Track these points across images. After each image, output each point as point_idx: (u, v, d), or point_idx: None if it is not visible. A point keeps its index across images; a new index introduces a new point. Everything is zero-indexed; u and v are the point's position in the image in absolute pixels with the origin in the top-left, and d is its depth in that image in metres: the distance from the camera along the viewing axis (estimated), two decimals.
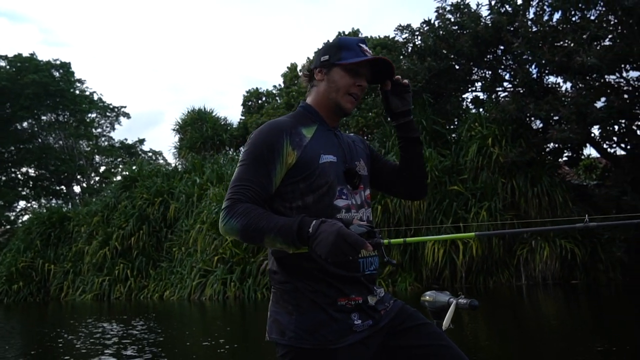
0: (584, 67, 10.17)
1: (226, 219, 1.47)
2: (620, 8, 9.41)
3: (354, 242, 1.35)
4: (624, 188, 11.01)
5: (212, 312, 11.16)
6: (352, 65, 1.63)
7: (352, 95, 1.65)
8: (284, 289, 1.58)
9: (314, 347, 1.50)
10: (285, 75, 19.76)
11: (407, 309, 1.70)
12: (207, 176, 15.83)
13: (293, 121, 1.63)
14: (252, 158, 1.54)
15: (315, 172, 1.56)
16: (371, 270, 1.63)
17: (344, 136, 1.76)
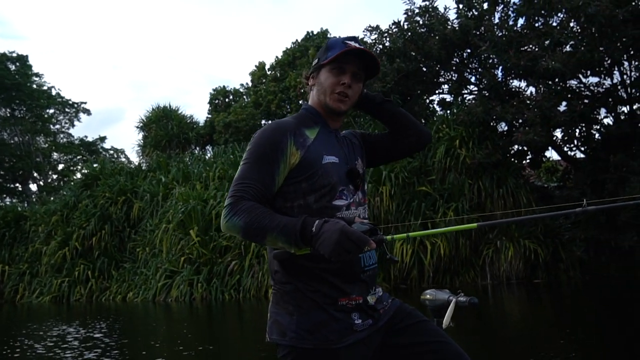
0: (549, 72, 10.44)
1: (229, 216, 1.46)
2: (583, 15, 9.69)
3: (358, 240, 1.36)
4: (584, 190, 11.37)
5: (178, 313, 10.93)
6: (333, 64, 1.62)
7: (339, 94, 1.63)
8: (284, 289, 1.58)
9: (316, 347, 1.50)
10: (253, 74, 19.59)
11: (405, 307, 1.72)
12: (173, 175, 15.51)
13: (296, 122, 1.64)
14: (256, 157, 1.54)
15: (318, 172, 1.57)
16: (371, 264, 1.66)
17: (342, 137, 1.77)
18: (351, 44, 1.64)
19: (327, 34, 19.25)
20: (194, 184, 14.47)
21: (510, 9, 12.90)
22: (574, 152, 13.60)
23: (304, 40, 18.93)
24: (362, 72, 1.69)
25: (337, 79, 1.64)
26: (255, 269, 11.77)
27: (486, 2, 12.84)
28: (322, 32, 19.23)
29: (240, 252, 11.94)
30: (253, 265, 11.79)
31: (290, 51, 18.59)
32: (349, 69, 1.64)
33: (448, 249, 11.37)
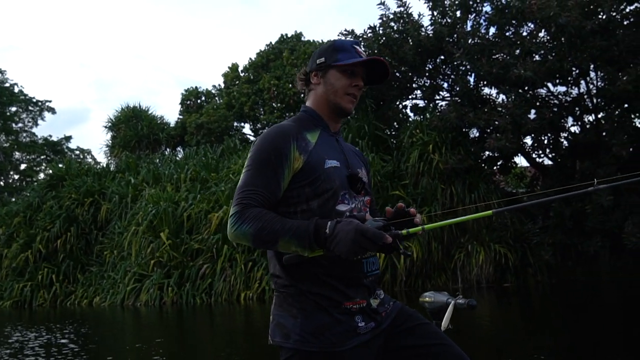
0: (520, 80, 10.66)
1: (237, 224, 1.45)
2: (554, 25, 9.94)
3: (374, 236, 1.37)
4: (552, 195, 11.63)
5: (147, 318, 10.68)
6: (347, 67, 1.64)
7: (351, 95, 1.66)
8: (287, 292, 1.58)
9: (320, 349, 1.50)
10: (226, 75, 19.38)
11: (406, 309, 1.72)
12: (143, 176, 15.19)
13: (297, 126, 1.63)
14: (260, 163, 1.53)
15: (320, 176, 1.56)
16: (374, 270, 1.65)
17: (344, 143, 1.78)
18: (359, 49, 1.68)
19: (301, 37, 19.24)
20: (165, 185, 14.21)
21: (482, 18, 13.16)
22: (542, 159, 13.96)
23: (278, 43, 18.85)
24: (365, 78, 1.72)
25: (350, 81, 1.65)
26: (227, 272, 11.61)
27: (459, 10, 13.04)
28: (296, 35, 19.21)
29: (212, 255, 11.78)
30: (225, 269, 11.63)
31: (264, 53, 18.49)
32: (359, 72, 1.68)
33: (421, 253, 11.47)
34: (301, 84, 1.76)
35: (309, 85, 1.73)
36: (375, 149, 13.61)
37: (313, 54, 1.75)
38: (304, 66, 1.77)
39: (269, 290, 11.44)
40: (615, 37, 10.30)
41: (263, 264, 11.70)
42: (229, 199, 12.40)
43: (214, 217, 11.99)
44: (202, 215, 12.38)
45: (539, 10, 10.34)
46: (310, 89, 1.73)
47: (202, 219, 12.35)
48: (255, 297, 11.41)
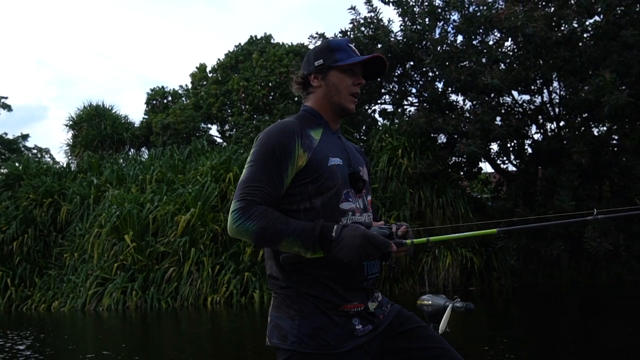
0: (488, 87, 10.89)
1: (240, 220, 1.43)
2: (522, 34, 10.21)
3: (380, 244, 1.40)
4: (517, 201, 11.94)
5: (110, 323, 10.36)
6: (349, 66, 1.64)
7: (353, 95, 1.67)
8: (285, 294, 1.57)
9: (317, 351, 1.50)
10: (193, 76, 19.08)
11: (404, 312, 1.72)
12: (106, 177, 14.76)
13: (300, 123, 1.62)
14: (264, 158, 1.51)
15: (324, 174, 1.55)
16: (374, 273, 1.66)
17: (345, 141, 1.78)
18: (353, 47, 1.69)
19: (271, 39, 19.16)
20: (129, 186, 13.84)
21: (450, 26, 13.40)
22: (507, 165, 14.30)
23: (247, 44, 18.69)
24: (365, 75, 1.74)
25: (352, 80, 1.66)
26: (194, 276, 11.39)
27: (427, 18, 13.23)
28: (266, 37, 19.11)
29: (179, 258, 11.53)
30: (192, 273, 11.41)
31: (233, 54, 18.29)
32: (359, 71, 1.69)
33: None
34: (298, 87, 1.74)
35: (308, 88, 1.71)
36: None
37: (307, 57, 1.73)
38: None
39: (236, 294, 11.29)
40: (578, 48, 10.66)
41: (231, 268, 11.53)
42: (196, 201, 12.18)
43: (181, 220, 11.75)
44: (168, 217, 12.11)
45: (506, 20, 10.60)
46: (310, 92, 1.71)
47: (168, 221, 12.08)
48: (222, 302, 11.23)
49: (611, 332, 6.67)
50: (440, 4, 13.39)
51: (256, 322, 10.06)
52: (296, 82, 1.74)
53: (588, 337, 6.75)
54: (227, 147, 15.39)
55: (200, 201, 12.07)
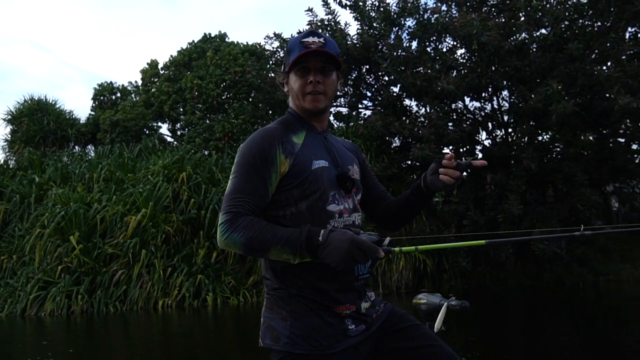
0: (443, 93, 11.14)
1: (227, 232, 1.44)
2: (476, 42, 10.50)
3: (367, 249, 1.38)
4: (468, 205, 12.27)
5: (53, 328, 9.82)
6: (294, 67, 1.60)
7: (311, 94, 1.60)
8: (277, 295, 1.57)
9: (309, 352, 1.50)
10: (144, 72, 18.48)
11: (397, 311, 1.73)
12: (49, 175, 14.03)
13: (282, 128, 1.61)
14: (247, 169, 1.52)
15: (308, 178, 1.55)
16: (364, 273, 1.64)
17: (333, 140, 1.74)
18: (308, 41, 1.59)
19: (226, 37, 18.84)
20: (75, 185, 13.21)
21: (405, 32, 13.63)
22: None
23: (201, 42, 18.30)
24: (330, 64, 1.63)
25: (304, 79, 1.61)
26: (144, 279, 11.01)
27: (383, 23, 13.40)
28: (220, 35, 18.77)
29: (128, 260, 11.10)
30: (142, 275, 11.02)
31: (186, 51, 17.85)
32: (313, 66, 1.60)
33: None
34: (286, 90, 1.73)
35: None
36: None
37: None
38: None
39: (189, 297, 11.00)
40: (528, 58, 11.08)
41: (183, 270, 11.23)
42: (147, 201, 11.79)
43: (131, 220, 11.32)
44: (117, 217, 11.64)
45: (462, 27, 10.87)
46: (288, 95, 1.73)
47: (117, 221, 11.61)
48: (174, 305, 10.91)
49: (554, 330, 7.00)
50: (396, 10, 13.60)
51: (209, 325, 9.84)
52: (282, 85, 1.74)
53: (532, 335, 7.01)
54: (179, 147, 14.99)
55: (151, 201, 11.68)
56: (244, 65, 16.05)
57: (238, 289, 11.51)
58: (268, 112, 15.34)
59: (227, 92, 16.68)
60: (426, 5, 14.07)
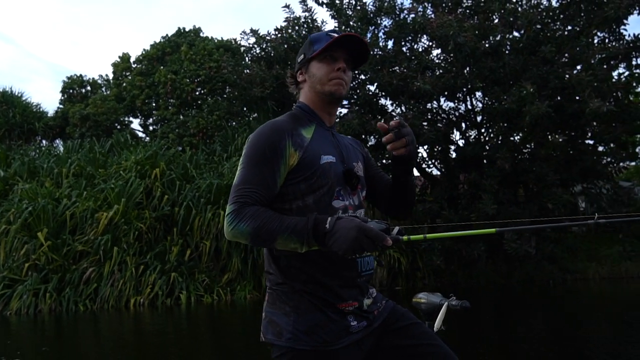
0: (420, 93, 11.23)
1: (234, 222, 1.44)
2: (453, 43, 10.62)
3: (375, 237, 1.36)
4: (442, 204, 12.41)
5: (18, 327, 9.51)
6: (324, 53, 1.62)
7: (335, 79, 1.63)
8: (281, 290, 1.57)
9: (312, 348, 1.50)
10: (116, 65, 18.07)
11: (398, 309, 1.73)
12: (15, 169, 13.58)
13: (292, 122, 1.62)
14: (256, 160, 1.51)
15: (316, 172, 1.56)
16: (368, 270, 1.64)
17: (340, 137, 1.76)
18: (335, 35, 1.65)
19: (200, 32, 18.58)
20: (43, 180, 12.82)
21: (381, 31, 13.70)
22: (431, 169, 14.85)
23: (175, 36, 18.00)
24: (350, 61, 1.69)
25: (331, 66, 1.63)
26: (115, 276, 10.76)
27: (360, 22, 13.44)
28: (195, 30, 18.50)
29: (99, 258, 10.83)
30: (114, 273, 10.77)
31: (160, 45, 17.52)
32: (340, 56, 1.64)
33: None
34: (292, 87, 1.75)
35: (299, 85, 1.72)
36: None
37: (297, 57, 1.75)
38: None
39: (162, 295, 10.81)
40: (503, 59, 11.27)
41: (156, 268, 11.03)
42: (119, 197, 11.53)
43: (102, 217, 11.05)
44: (88, 214, 11.34)
45: (439, 28, 10.98)
46: (300, 88, 1.71)
47: (88, 218, 11.32)
48: (146, 303, 10.70)
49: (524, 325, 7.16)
50: (373, 9, 13.66)
51: (182, 323, 9.69)
52: (289, 82, 1.75)
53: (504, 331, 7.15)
54: (153, 142, 14.72)
55: (124, 198, 11.43)
56: (219, 61, 15.86)
57: (212, 287, 11.37)
58: (243, 109, 15.20)
59: (201, 88, 16.46)
60: (402, 5, 14.22)
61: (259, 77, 13.44)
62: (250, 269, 11.69)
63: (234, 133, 14.40)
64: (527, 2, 12.29)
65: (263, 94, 13.14)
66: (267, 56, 13.94)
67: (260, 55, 14.30)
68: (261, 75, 13.44)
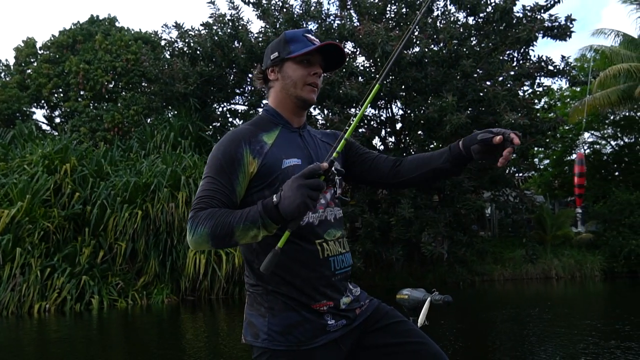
0: (347, 98, 11.42)
1: (192, 228, 1.44)
2: (381, 51, 10.93)
3: (310, 171, 1.34)
4: (364, 208, 12.70)
5: None
6: (302, 57, 1.61)
7: (311, 85, 1.63)
8: (256, 292, 1.59)
9: (287, 348, 1.52)
10: (19, 50, 16.60)
11: (383, 307, 1.72)
12: None
13: (253, 129, 1.61)
14: (214, 171, 1.53)
15: (278, 177, 1.54)
16: (344, 268, 1.62)
17: (311, 135, 1.73)
18: (310, 37, 1.64)
19: (116, 21, 17.60)
20: None
21: None
22: None
23: (88, 24, 16.88)
24: (323, 65, 1.67)
25: (308, 70, 1.61)
26: (17, 280, 9.85)
27: (286, 23, 13.45)
28: (110, 19, 17.49)
29: None
30: (15, 276, 9.85)
31: (70, 32, 16.34)
32: (316, 60, 1.64)
33: (242, 259, 11.34)
34: (260, 82, 1.71)
35: (268, 83, 1.68)
36: (198, 150, 13.13)
37: (266, 51, 1.70)
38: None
39: (70, 300, 10.06)
40: (425, 70, 11.77)
41: (65, 271, 10.24)
42: (22, 193, 10.58)
43: (3, 214, 10.08)
44: None
45: (366, 36, 11.24)
46: (270, 87, 1.68)
47: None
48: (52, 309, 9.90)
49: None
50: (299, 12, 13.73)
51: (91, 330, 9.07)
52: (257, 77, 1.71)
53: None
54: (62, 135, 13.67)
55: (28, 194, 10.50)
56: (137, 53, 15.11)
57: (127, 290, 10.77)
58: (164, 105, 14.58)
59: (117, 80, 15.57)
60: (328, 11, 14.42)
61: (182, 73, 12.98)
62: (169, 271, 11.22)
63: (153, 130, 13.77)
64: (444, 17, 12.98)
65: (186, 90, 12.70)
66: (192, 52, 13.51)
67: (183, 50, 13.83)
68: (184, 71, 12.99)
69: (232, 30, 13.48)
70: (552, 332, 7.04)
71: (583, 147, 19.94)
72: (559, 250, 14.85)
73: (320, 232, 1.57)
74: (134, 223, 10.97)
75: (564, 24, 12.31)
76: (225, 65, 13.56)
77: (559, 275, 14.35)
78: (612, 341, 6.24)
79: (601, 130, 20.44)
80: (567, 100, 21.00)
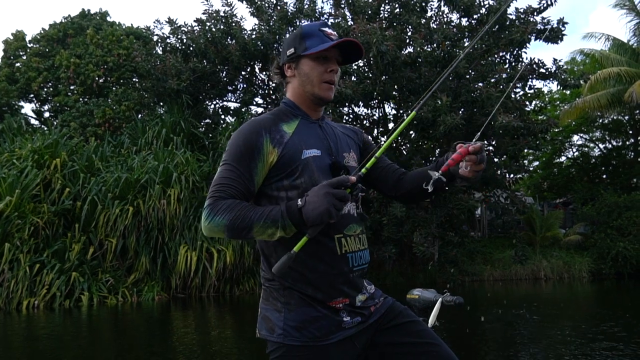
0: (342, 97, 11.42)
1: (210, 216, 1.44)
2: (376, 50, 10.93)
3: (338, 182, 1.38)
4: None
5: None
6: (318, 54, 1.60)
7: (328, 82, 1.62)
8: (272, 286, 1.58)
9: (303, 343, 1.52)
10: (8, 43, 16.37)
11: (397, 305, 1.71)
12: None
13: (274, 118, 1.61)
14: (233, 158, 1.53)
15: (298, 167, 1.55)
16: (361, 265, 1.62)
17: (330, 127, 1.72)
18: (327, 31, 1.62)
19: (107, 15, 17.43)
20: None
21: None
22: None
23: (79, 18, 16.69)
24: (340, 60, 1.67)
25: (324, 67, 1.61)
26: (6, 276, 9.72)
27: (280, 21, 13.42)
28: (102, 14, 17.31)
29: None
30: (4, 272, 9.72)
31: (61, 26, 16.15)
32: (332, 56, 1.63)
33: (233, 257, 11.32)
34: (277, 77, 1.71)
35: (285, 78, 1.68)
36: (190, 147, 13.05)
37: (283, 45, 1.70)
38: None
39: (60, 296, 9.95)
40: (419, 70, 11.80)
41: (55, 267, 10.12)
42: (11, 188, 10.44)
43: None
44: None
45: (362, 35, 11.24)
46: (287, 82, 1.68)
47: None
48: (41, 306, 9.79)
49: None
50: (293, 10, 13.70)
51: (80, 327, 8.98)
52: (274, 72, 1.71)
53: None
54: (52, 130, 13.51)
55: (18, 189, 10.36)
56: (129, 48, 14.98)
57: (117, 287, 10.68)
58: (155, 101, 14.47)
59: (108, 75, 15.41)
60: (322, 9, 14.41)
61: (175, 69, 12.90)
62: (160, 268, 11.15)
63: (145, 125, 13.65)
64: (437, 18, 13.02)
65: (179, 87, 12.62)
66: (185, 48, 13.42)
67: (176, 46, 13.74)
68: (177, 67, 12.90)
69: (225, 27, 13.42)
70: (542, 333, 7.12)
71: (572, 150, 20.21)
72: (547, 252, 14.98)
73: (340, 227, 1.55)
74: (124, 219, 10.88)
75: (556, 27, 12.42)
76: (218, 62, 13.50)
77: (548, 276, 14.48)
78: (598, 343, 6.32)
79: (590, 133, 20.68)
80: (557, 103, 21.22)
